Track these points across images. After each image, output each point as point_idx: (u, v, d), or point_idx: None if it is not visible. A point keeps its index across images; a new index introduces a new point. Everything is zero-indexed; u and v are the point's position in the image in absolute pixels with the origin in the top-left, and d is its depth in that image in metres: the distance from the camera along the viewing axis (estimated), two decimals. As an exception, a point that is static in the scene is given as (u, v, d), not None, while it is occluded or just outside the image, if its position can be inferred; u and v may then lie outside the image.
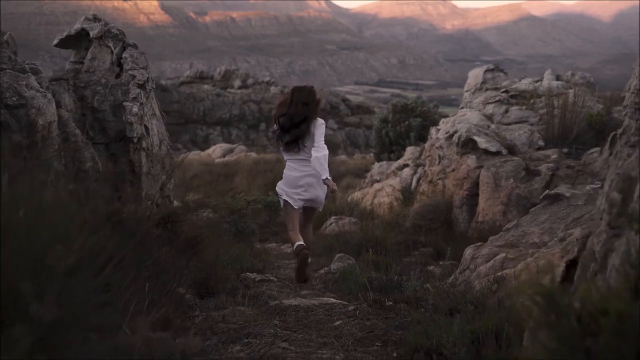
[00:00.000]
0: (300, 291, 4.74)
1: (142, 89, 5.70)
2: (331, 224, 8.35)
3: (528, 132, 7.47)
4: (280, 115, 5.04)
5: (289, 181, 5.06)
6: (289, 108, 4.98)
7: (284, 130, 4.99)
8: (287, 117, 4.96)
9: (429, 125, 15.87)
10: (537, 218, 4.15)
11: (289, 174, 5.08)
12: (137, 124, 5.58)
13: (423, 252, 6.73)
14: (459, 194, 7.43)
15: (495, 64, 11.17)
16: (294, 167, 5.03)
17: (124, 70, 5.75)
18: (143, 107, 5.69)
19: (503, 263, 3.81)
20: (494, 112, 8.20)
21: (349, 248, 6.31)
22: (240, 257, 5.58)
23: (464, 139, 7.48)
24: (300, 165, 5.01)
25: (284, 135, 5.01)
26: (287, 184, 5.09)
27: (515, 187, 6.86)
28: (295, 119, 4.93)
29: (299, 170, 5.01)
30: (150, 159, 5.92)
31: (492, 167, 7.11)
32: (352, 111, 54.89)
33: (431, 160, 8.82)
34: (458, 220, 7.41)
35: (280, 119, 5.03)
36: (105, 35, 5.84)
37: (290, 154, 5.04)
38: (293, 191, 5.04)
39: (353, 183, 14.37)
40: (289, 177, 5.09)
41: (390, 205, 9.29)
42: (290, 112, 4.96)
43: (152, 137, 5.90)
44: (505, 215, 6.84)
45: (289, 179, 5.07)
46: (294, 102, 5.00)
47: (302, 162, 5.00)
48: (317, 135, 4.93)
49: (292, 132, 4.96)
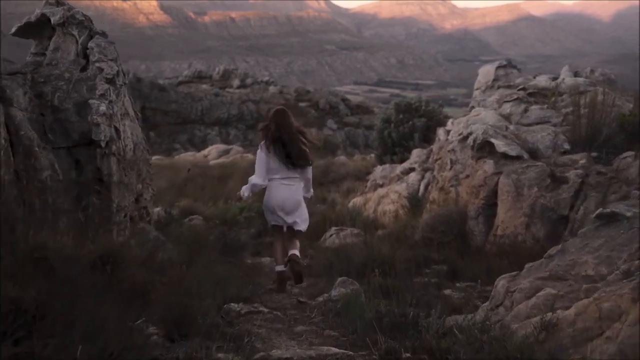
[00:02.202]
0: (295, 327, 3.93)
1: (111, 85, 4.89)
2: (331, 236, 7.54)
3: (552, 134, 6.67)
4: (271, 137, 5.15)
5: (277, 204, 5.18)
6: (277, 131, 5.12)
7: (284, 145, 5.10)
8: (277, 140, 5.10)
9: (433, 125, 15.06)
10: (588, 243, 3.35)
11: (274, 193, 5.20)
12: (105, 125, 4.77)
13: (436, 271, 5.93)
14: (475, 204, 6.63)
15: (508, 59, 10.36)
16: (279, 187, 5.17)
17: (90, 62, 4.94)
18: (112, 105, 4.87)
19: (550, 302, 3.00)
20: (512, 112, 7.39)
21: (351, 267, 5.49)
22: (225, 280, 4.77)
23: (480, 142, 6.68)
24: (287, 186, 5.17)
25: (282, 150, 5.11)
26: (273, 207, 5.21)
27: (540, 197, 6.06)
28: (284, 137, 5.09)
29: (284, 191, 5.17)
30: (122, 166, 5.10)
31: (512, 174, 6.31)
32: (351, 111, 54.11)
33: (441, 165, 8.01)
34: (473, 233, 6.61)
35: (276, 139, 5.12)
36: (69, 22, 5.02)
37: (282, 172, 5.15)
38: (276, 217, 5.23)
39: (354, 187, 13.56)
40: (273, 198, 5.20)
41: (395, 213, 8.49)
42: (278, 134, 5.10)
43: (125, 140, 5.09)
44: (529, 228, 6.04)
45: (274, 199, 5.19)
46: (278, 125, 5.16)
47: (290, 181, 5.18)
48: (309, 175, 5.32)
49: (289, 152, 5.10)
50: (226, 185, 13.40)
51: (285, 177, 5.16)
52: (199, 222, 9.38)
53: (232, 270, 5.27)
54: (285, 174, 5.15)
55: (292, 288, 5.25)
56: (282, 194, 5.16)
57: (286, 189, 5.18)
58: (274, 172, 5.17)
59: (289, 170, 5.15)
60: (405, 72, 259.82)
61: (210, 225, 7.35)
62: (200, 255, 5.78)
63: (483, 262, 5.88)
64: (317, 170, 17.30)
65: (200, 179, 14.69)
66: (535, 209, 6.04)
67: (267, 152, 5.13)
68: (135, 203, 5.39)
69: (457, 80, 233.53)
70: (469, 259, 6.02)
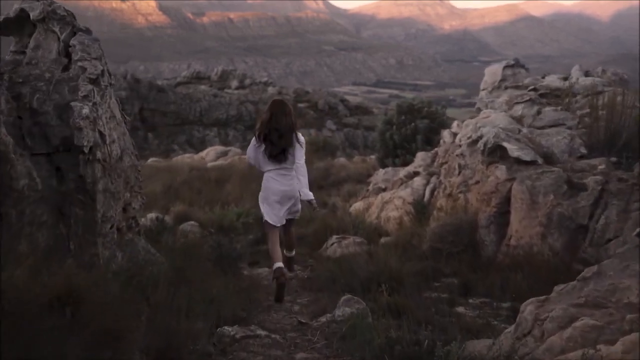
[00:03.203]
0: (295, 353, 3.54)
1: (96, 85, 4.49)
2: (332, 245, 7.14)
3: (567, 138, 6.28)
4: (265, 130, 5.12)
5: (272, 198, 5.14)
6: (271, 122, 5.09)
7: (273, 142, 5.06)
8: (273, 129, 5.06)
9: (436, 127, 14.67)
10: (629, 265, 2.96)
11: (272, 187, 5.15)
12: (88, 130, 4.36)
13: (446, 285, 5.54)
14: (486, 212, 6.24)
15: (515, 59, 9.98)
16: (276, 179, 5.13)
17: (73, 61, 4.54)
18: (97, 107, 4.47)
19: (589, 334, 2.62)
20: (524, 114, 7.01)
21: (355, 281, 5.10)
22: (219, 298, 4.38)
23: (491, 146, 6.30)
24: (283, 177, 5.13)
25: (272, 148, 5.06)
26: (270, 202, 5.16)
27: (557, 205, 5.68)
28: (281, 130, 5.05)
29: (281, 183, 5.12)
30: (108, 173, 4.70)
31: (526, 180, 5.92)
32: (350, 112, 53.75)
33: (449, 170, 7.61)
34: (484, 243, 6.22)
35: (267, 133, 5.09)
36: (50, 17, 4.62)
37: (274, 164, 5.12)
38: (275, 212, 5.14)
39: (355, 190, 13.16)
40: (271, 191, 5.15)
41: (400, 220, 8.10)
42: (274, 125, 5.07)
43: (110, 146, 4.69)
44: (545, 239, 5.65)
45: (272, 193, 5.15)
46: (274, 114, 5.13)
47: (285, 172, 5.14)
48: (298, 151, 5.15)
49: (279, 143, 5.05)
50: (223, 189, 12.99)
51: (279, 168, 5.16)
52: (194, 228, 8.99)
53: (228, 285, 4.87)
54: (278, 165, 5.16)
55: (293, 305, 4.86)
56: (280, 185, 5.16)
57: (283, 179, 5.18)
58: (268, 164, 5.18)
59: (280, 163, 5.15)
60: (404, 73, 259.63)
61: (205, 234, 6.93)
62: (193, 268, 5.39)
63: (496, 275, 5.49)
64: (317, 172, 16.93)
65: (197, 182, 14.27)
66: (552, 218, 5.65)
67: (258, 142, 5.16)
68: (122, 213, 4.99)
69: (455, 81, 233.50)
70: (481, 272, 5.64)
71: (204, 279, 4.87)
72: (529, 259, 5.54)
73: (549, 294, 4.95)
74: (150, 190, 12.52)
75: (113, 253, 4.73)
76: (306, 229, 8.88)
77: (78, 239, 4.46)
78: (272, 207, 5.12)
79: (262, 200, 5.23)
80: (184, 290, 4.43)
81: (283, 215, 5.14)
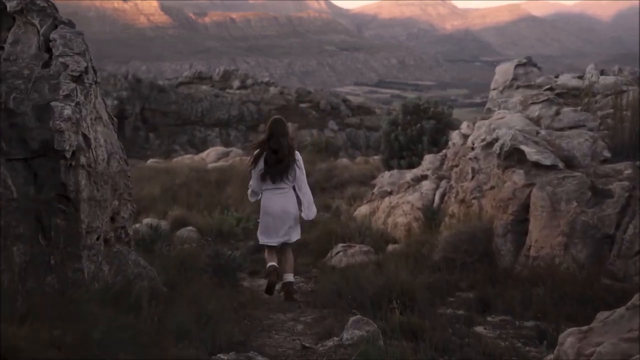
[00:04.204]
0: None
1: (79, 83, 4.07)
2: (338, 254, 6.72)
3: (590, 140, 5.87)
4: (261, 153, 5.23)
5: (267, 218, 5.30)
6: (270, 142, 5.19)
7: (270, 164, 5.17)
8: (271, 151, 5.17)
9: (443, 128, 14.24)
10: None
11: (268, 205, 5.28)
12: (70, 132, 3.95)
13: (462, 299, 5.13)
14: (502, 219, 5.82)
15: (528, 57, 9.56)
16: (274, 199, 5.24)
17: (54, 57, 4.14)
18: (80, 108, 4.06)
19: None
20: (541, 115, 6.59)
21: (364, 297, 4.68)
22: (215, 318, 3.97)
23: (508, 149, 5.88)
24: (280, 197, 5.24)
25: (270, 170, 5.18)
26: (266, 222, 5.32)
27: (580, 213, 5.26)
28: (280, 152, 5.16)
29: (279, 204, 5.23)
30: (94, 180, 4.28)
31: (547, 186, 5.51)
32: (352, 112, 53.37)
33: (460, 174, 7.20)
34: (500, 253, 5.80)
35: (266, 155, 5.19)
36: (29, 9, 4.20)
37: (270, 184, 5.22)
38: (271, 232, 5.30)
39: (359, 193, 12.73)
40: (267, 210, 5.30)
41: (408, 226, 7.68)
42: (273, 146, 5.16)
43: (96, 150, 4.27)
44: (568, 249, 5.24)
45: (267, 212, 5.30)
46: (274, 135, 5.22)
47: (282, 192, 5.25)
48: (298, 172, 5.25)
49: (278, 166, 5.17)
50: (224, 192, 12.57)
51: (276, 188, 5.26)
52: (192, 234, 8.59)
53: (225, 302, 4.46)
54: (275, 184, 5.26)
55: (295, 324, 4.44)
56: (277, 204, 5.27)
57: (280, 198, 5.28)
58: (264, 183, 5.31)
59: (276, 182, 5.25)
60: (406, 73, 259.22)
61: (201, 242, 6.52)
62: (187, 282, 4.98)
63: (515, 288, 5.08)
64: (319, 174, 16.51)
65: (196, 184, 13.85)
66: (575, 226, 5.24)
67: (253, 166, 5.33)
68: (110, 222, 4.58)
69: (457, 81, 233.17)
70: (499, 285, 5.22)
71: (199, 295, 4.46)
72: (551, 272, 5.13)
73: (576, 312, 4.54)
74: (147, 193, 12.13)
75: (99, 267, 4.33)
76: (308, 235, 8.47)
77: (59, 253, 4.05)
78: (267, 228, 5.29)
79: (260, 223, 5.42)
80: (176, 309, 4.03)
81: (281, 235, 5.25)
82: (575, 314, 4.42)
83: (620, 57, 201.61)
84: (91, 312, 3.28)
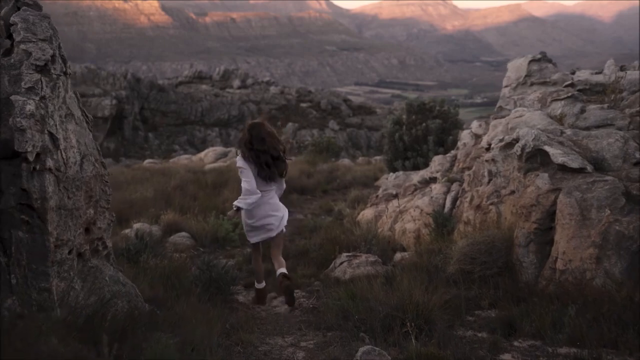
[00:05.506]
0: None
1: (44, 74, 3.52)
2: (342, 264, 6.15)
3: (620, 141, 5.30)
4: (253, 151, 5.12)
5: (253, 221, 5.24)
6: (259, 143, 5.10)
7: (268, 166, 5.11)
8: (263, 152, 5.09)
9: (449, 127, 13.68)
10: None
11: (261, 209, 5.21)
12: (34, 131, 3.39)
13: (483, 319, 4.56)
14: (524, 228, 5.25)
15: (542, 52, 9.00)
16: (264, 199, 5.18)
17: (15, 43, 3.58)
18: (46, 103, 3.51)
19: None
20: (564, 112, 6.02)
21: (373, 318, 4.12)
22: (202, 346, 3.41)
23: (530, 150, 5.31)
24: (266, 198, 5.19)
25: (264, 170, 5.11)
26: (250, 224, 5.27)
27: (614, 222, 4.69)
28: (273, 153, 5.10)
29: (265, 204, 5.19)
30: (64, 185, 3.71)
31: (575, 191, 4.94)
32: (353, 112, 52.93)
33: (475, 177, 6.63)
34: (522, 265, 5.23)
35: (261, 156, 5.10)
36: (-13, -12, 3.68)
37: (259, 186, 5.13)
38: (255, 233, 5.29)
39: (362, 195, 12.16)
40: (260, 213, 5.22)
41: (417, 233, 7.12)
42: (263, 148, 5.08)
43: (66, 151, 3.71)
44: (600, 262, 4.67)
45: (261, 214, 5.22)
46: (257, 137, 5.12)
47: (268, 193, 5.22)
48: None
49: (272, 168, 5.12)
50: (220, 195, 11.99)
51: (264, 190, 5.18)
52: (185, 241, 8.03)
53: (214, 325, 3.90)
54: (262, 187, 5.17)
55: (296, 350, 3.87)
56: (265, 208, 5.22)
57: (268, 201, 5.24)
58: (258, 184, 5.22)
59: (265, 184, 5.19)
60: (406, 73, 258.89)
61: (192, 253, 5.95)
62: (175, 299, 4.43)
63: (543, 307, 4.50)
64: (320, 176, 15.95)
65: (192, 186, 13.28)
66: (608, 237, 4.67)
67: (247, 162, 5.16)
68: (85, 234, 4.01)
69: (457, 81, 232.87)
70: (524, 303, 4.65)
71: (185, 317, 3.91)
72: (582, 288, 4.56)
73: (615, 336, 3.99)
74: (140, 196, 11.56)
75: (70, 285, 3.77)
76: (309, 241, 7.92)
77: (22, 271, 3.49)
78: (256, 229, 5.26)
79: (245, 224, 5.31)
80: (157, 336, 3.48)
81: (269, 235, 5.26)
82: (615, 338, 3.87)
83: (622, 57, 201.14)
84: (50, 348, 2.73)
